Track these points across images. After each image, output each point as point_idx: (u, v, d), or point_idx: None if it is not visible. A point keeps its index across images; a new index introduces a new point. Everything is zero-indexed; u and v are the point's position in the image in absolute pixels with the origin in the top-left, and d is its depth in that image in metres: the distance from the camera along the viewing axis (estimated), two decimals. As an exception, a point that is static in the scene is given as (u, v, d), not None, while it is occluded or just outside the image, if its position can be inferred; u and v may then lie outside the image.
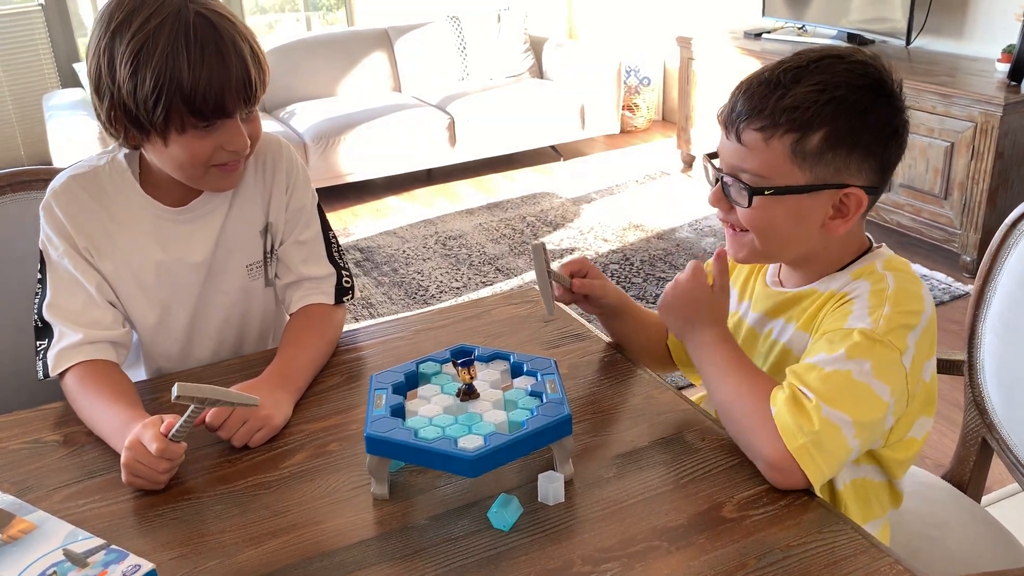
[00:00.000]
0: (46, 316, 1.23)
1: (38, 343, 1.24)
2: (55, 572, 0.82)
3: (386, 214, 4.34)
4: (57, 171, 1.48)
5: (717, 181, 1.08)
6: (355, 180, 4.47)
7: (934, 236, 3.46)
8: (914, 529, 1.30)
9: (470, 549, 0.92)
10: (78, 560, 0.83)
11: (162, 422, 1.04)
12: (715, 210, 1.11)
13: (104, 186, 1.26)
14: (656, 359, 1.36)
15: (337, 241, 1.41)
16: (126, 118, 1.16)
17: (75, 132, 3.87)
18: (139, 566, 0.82)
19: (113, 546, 0.85)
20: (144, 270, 1.28)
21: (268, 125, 4.36)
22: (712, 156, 1.11)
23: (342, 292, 1.38)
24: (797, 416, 0.96)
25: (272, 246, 1.36)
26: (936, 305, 3.13)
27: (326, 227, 1.39)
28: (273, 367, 1.22)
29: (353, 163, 4.41)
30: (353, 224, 4.21)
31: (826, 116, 0.99)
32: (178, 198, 1.28)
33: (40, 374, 1.23)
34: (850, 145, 1.00)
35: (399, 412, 1.02)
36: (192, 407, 1.00)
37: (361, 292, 3.50)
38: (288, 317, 1.37)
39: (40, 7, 4.71)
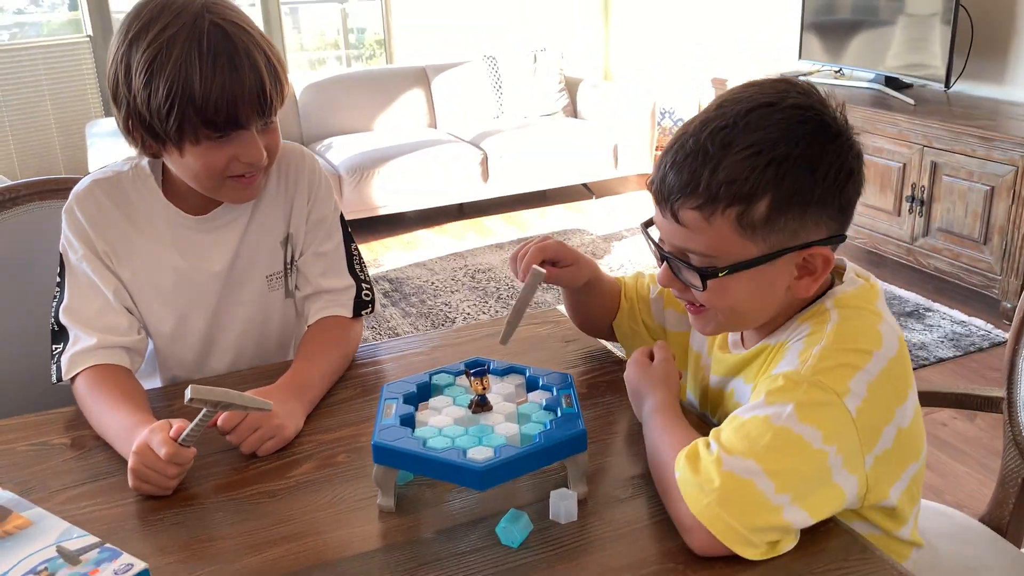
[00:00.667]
0: (62, 319, 1.23)
1: (53, 347, 1.24)
2: (46, 568, 0.79)
3: (417, 246, 4.35)
4: (55, 181, 1.50)
5: (663, 260, 0.98)
6: (388, 212, 4.50)
7: (973, 281, 3.38)
8: (950, 571, 1.23)
9: (477, 565, 0.88)
10: (70, 557, 0.80)
11: (171, 427, 1.02)
12: None
13: (127, 192, 1.27)
14: (601, 330, 1.33)
15: (359, 253, 1.40)
16: (142, 127, 1.16)
17: (115, 157, 3.93)
18: (131, 565, 0.79)
19: (107, 544, 0.82)
20: (162, 277, 1.28)
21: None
22: (648, 224, 1.01)
23: (361, 305, 1.36)
24: (695, 475, 0.87)
25: (292, 257, 1.35)
26: (973, 352, 3.05)
27: (348, 239, 1.38)
28: (287, 377, 1.20)
29: (386, 196, 4.44)
30: (384, 255, 4.22)
31: (768, 181, 0.88)
32: (199, 206, 1.28)
33: (54, 377, 1.22)
34: (802, 205, 0.90)
35: (409, 422, 0.99)
36: (204, 411, 0.98)
37: (388, 322, 3.49)
38: (306, 328, 1.35)
39: (88, 39, 4.83)
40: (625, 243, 4.26)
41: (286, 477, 1.04)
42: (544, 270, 1.10)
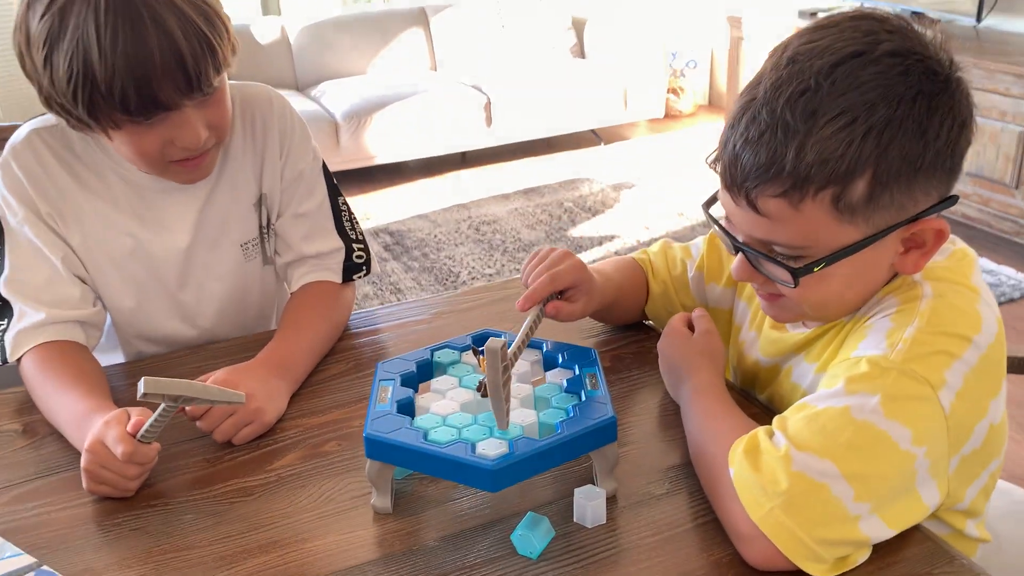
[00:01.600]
0: (4, 293, 1.06)
1: None
2: (-33, 599, 0.66)
3: (418, 197, 4.18)
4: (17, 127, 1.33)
5: (737, 250, 0.82)
6: (387, 162, 4.31)
7: (1003, 228, 3.21)
8: (1018, 561, 1.10)
9: (488, 580, 0.74)
10: (-2, 584, 0.67)
11: (128, 418, 0.86)
12: None
13: (72, 143, 1.08)
14: (630, 322, 1.16)
15: (348, 208, 1.22)
16: (58, 107, 0.96)
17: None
18: (70, 596, 0.65)
19: (45, 567, 0.68)
20: (117, 244, 1.10)
21: (300, 103, 4.21)
22: (711, 203, 0.84)
23: (353, 269, 1.20)
24: (757, 473, 0.73)
25: (269, 220, 1.18)
26: (1004, 303, 2.89)
27: (334, 193, 1.21)
28: (269, 351, 1.05)
29: (386, 144, 4.25)
30: (384, 207, 4.05)
31: (868, 154, 0.71)
32: None
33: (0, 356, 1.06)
34: (910, 174, 0.73)
35: (407, 408, 0.84)
36: (164, 405, 0.83)
37: (389, 277, 3.34)
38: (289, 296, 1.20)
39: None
40: (635, 192, 4.08)
41: (265, 471, 0.90)
42: (502, 341, 0.75)
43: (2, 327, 1.05)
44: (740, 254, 0.81)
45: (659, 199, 3.97)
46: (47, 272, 1.06)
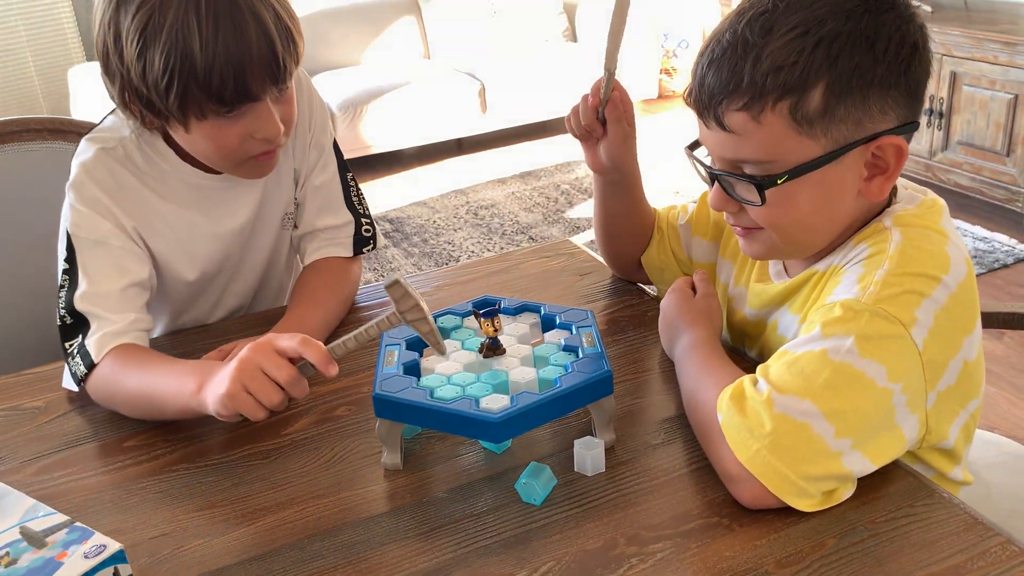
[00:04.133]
0: (79, 307, 1.03)
1: (68, 344, 1.03)
2: (7, 554, 0.70)
3: (416, 184, 4.21)
4: (48, 121, 1.38)
5: (713, 179, 0.87)
6: (384, 150, 4.35)
7: (995, 196, 3.25)
8: (1006, 506, 1.14)
9: (495, 526, 0.79)
10: (35, 540, 0.71)
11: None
12: None
13: (135, 158, 1.10)
14: (630, 263, 1.20)
15: (356, 184, 1.26)
16: (139, 102, 0.99)
17: (100, 105, 3.79)
18: (104, 546, 0.69)
19: (77, 523, 0.72)
20: (194, 243, 1.15)
21: (294, 95, 4.23)
22: (694, 147, 0.90)
23: (362, 242, 1.24)
24: (743, 417, 0.77)
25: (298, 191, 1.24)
26: (998, 269, 2.93)
27: (344, 168, 1.25)
28: (283, 326, 1.09)
29: (382, 133, 4.28)
30: (382, 195, 4.09)
31: (820, 63, 0.77)
32: None
33: (80, 369, 1.00)
34: (862, 87, 0.78)
35: (413, 370, 0.88)
36: (382, 318, 0.82)
37: (390, 263, 3.38)
38: (301, 268, 1.24)
39: (64, -21, 4.63)
40: (631, 171, 4.11)
41: (280, 435, 0.94)
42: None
43: (76, 343, 1.03)
44: (715, 184, 0.86)
45: (655, 178, 3.99)
46: (128, 282, 1.06)
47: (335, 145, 1.24)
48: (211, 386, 0.88)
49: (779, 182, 0.81)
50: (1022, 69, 3.04)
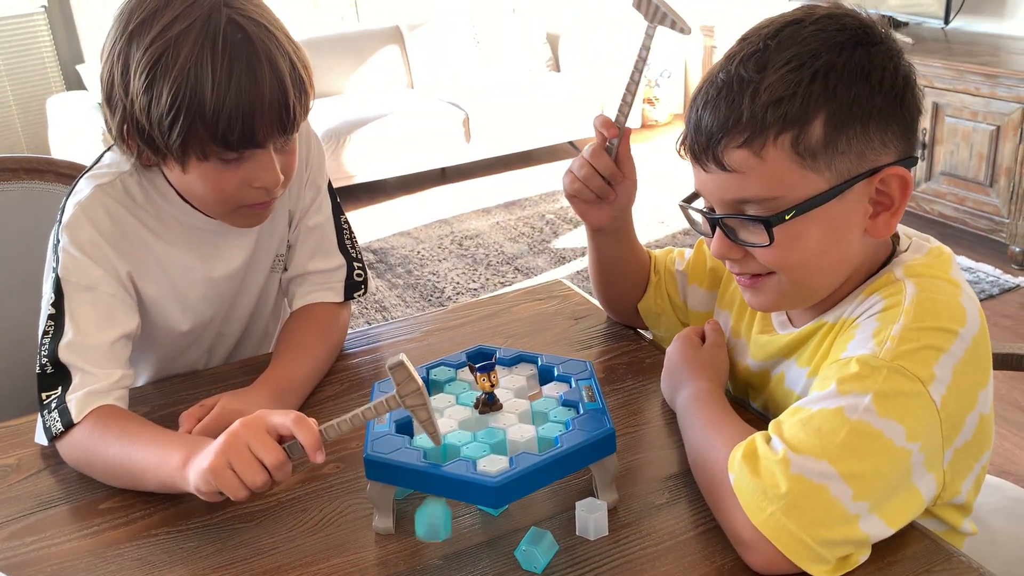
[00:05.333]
0: (63, 358, 0.98)
1: (46, 395, 0.98)
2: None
3: (400, 214, 4.18)
4: (24, 160, 1.33)
5: (714, 227, 0.84)
6: (367, 180, 4.32)
7: (979, 226, 3.26)
8: (1013, 554, 1.11)
9: (494, 596, 0.75)
10: (3, 622, 0.66)
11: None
12: None
13: (135, 195, 1.06)
14: (626, 308, 1.17)
15: (350, 227, 1.23)
16: (139, 137, 0.96)
17: (79, 136, 3.74)
18: (77, 630, 0.65)
19: (49, 602, 0.68)
20: (187, 287, 1.10)
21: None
22: (691, 199, 0.88)
23: (353, 287, 1.20)
24: (757, 478, 0.73)
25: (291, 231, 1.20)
26: (984, 299, 2.93)
27: (337, 211, 1.21)
28: (269, 376, 1.05)
29: (365, 163, 4.25)
30: (366, 225, 4.05)
31: (818, 95, 0.76)
32: None
33: (56, 426, 0.95)
34: (863, 119, 0.78)
35: (406, 428, 0.85)
36: (381, 399, 0.78)
37: (374, 295, 3.33)
38: (288, 312, 1.20)
39: (43, 9, 4.58)
40: (616, 201, 4.10)
41: (265, 496, 0.90)
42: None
43: (54, 396, 0.97)
44: (717, 231, 0.84)
45: (639, 208, 3.97)
46: (117, 334, 1.01)
47: (330, 187, 1.21)
48: (195, 461, 0.84)
49: (787, 218, 0.79)
50: (1003, 101, 3.05)
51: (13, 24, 4.56)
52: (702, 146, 0.81)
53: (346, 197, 4.32)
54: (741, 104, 0.78)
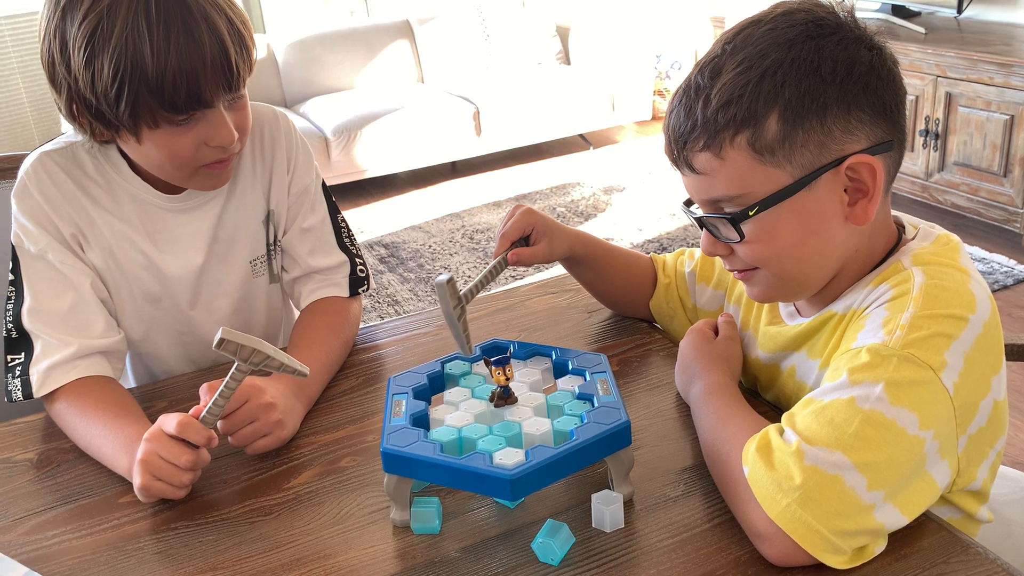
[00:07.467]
0: (26, 325, 1.04)
1: (10, 357, 1.04)
2: (-2, 630, 0.66)
3: (411, 208, 4.18)
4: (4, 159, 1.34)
5: (702, 227, 0.88)
6: (378, 174, 4.32)
7: (993, 216, 3.24)
8: (1028, 546, 1.11)
9: (511, 588, 0.75)
10: (27, 614, 0.67)
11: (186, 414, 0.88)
12: None
13: (84, 164, 1.08)
14: (636, 311, 1.19)
15: (347, 225, 1.24)
16: (88, 112, 0.97)
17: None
18: (100, 622, 0.66)
19: (72, 595, 0.69)
20: (132, 264, 1.11)
21: (287, 120, 4.21)
22: (690, 201, 0.90)
23: (357, 283, 1.21)
24: (771, 470, 0.73)
25: (276, 236, 1.20)
26: (997, 290, 2.91)
27: (334, 210, 1.22)
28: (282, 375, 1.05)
29: (376, 157, 4.26)
30: (377, 220, 4.06)
31: (767, 93, 0.78)
32: (170, 184, 1.11)
33: (17, 394, 1.03)
34: (818, 110, 0.78)
35: (422, 421, 0.85)
36: (232, 371, 0.84)
37: (386, 289, 3.34)
38: (296, 313, 1.20)
39: (54, 6, 4.60)
40: (626, 195, 4.10)
41: (283, 489, 0.91)
42: (447, 277, 0.88)
43: (18, 361, 1.03)
44: (704, 229, 0.87)
45: (650, 200, 3.98)
46: (71, 300, 1.05)
47: (324, 187, 1.21)
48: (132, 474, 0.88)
49: (751, 214, 0.81)
50: (1017, 90, 3.03)
51: (25, 22, 4.58)
52: (675, 153, 0.85)
53: (357, 192, 4.34)
54: (696, 110, 0.81)
